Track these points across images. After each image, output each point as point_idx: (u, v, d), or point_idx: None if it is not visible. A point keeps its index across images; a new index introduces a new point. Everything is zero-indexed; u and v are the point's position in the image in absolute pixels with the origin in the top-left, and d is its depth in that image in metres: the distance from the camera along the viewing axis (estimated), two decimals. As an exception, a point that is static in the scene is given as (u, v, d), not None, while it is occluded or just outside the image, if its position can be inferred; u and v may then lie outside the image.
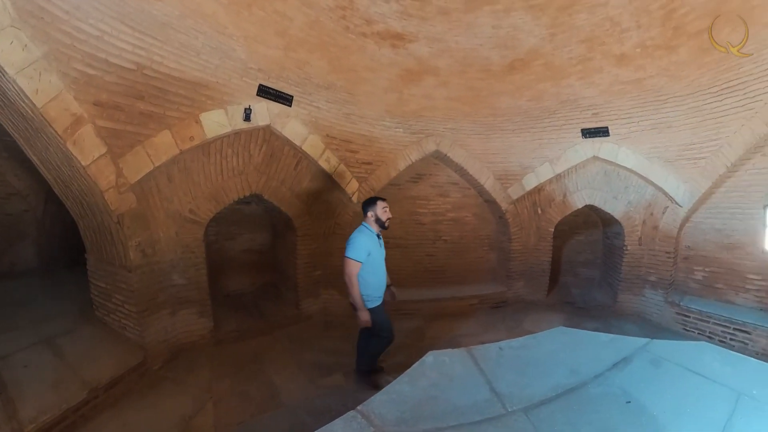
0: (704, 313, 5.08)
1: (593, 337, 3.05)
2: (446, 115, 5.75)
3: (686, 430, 1.85)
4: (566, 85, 5.27)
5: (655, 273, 5.73)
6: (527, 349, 2.75)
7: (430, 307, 5.79)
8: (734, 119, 4.52)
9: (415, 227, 6.40)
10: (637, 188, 5.72)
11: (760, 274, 4.93)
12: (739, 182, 4.99)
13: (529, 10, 4.43)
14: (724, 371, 2.44)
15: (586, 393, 2.18)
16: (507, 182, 6.23)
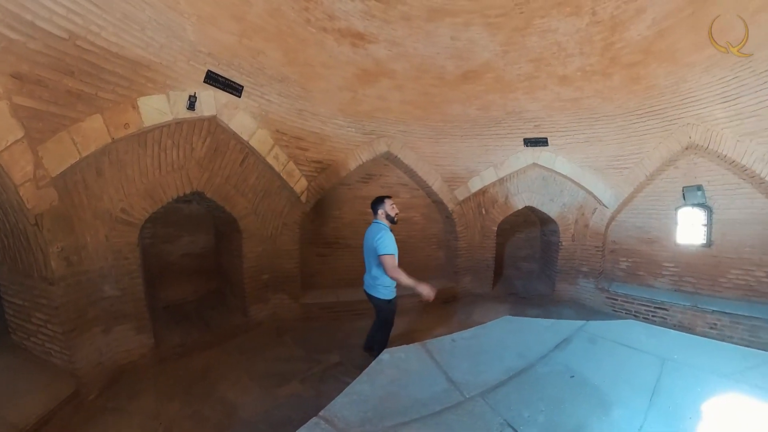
0: (629, 296, 5.98)
1: (536, 323, 3.36)
2: (399, 117, 5.84)
3: (624, 394, 2.13)
4: (513, 98, 5.83)
5: (587, 264, 6.61)
6: (478, 338, 2.94)
7: None
8: (654, 138, 5.49)
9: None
10: (571, 192, 6.55)
11: (673, 262, 5.99)
12: (656, 189, 5.99)
13: (487, 27, 4.79)
14: (649, 342, 2.90)
15: (535, 373, 2.40)
16: (454, 184, 6.56)
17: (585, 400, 2.11)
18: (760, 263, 5.12)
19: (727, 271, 5.46)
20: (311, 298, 5.62)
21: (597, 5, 4.35)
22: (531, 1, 4.45)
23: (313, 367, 3.97)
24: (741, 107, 4.56)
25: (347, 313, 5.53)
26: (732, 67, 4.35)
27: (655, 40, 4.54)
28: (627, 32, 4.57)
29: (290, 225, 5.30)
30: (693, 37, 4.35)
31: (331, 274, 6.19)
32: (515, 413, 1.96)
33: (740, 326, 4.86)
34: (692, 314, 5.29)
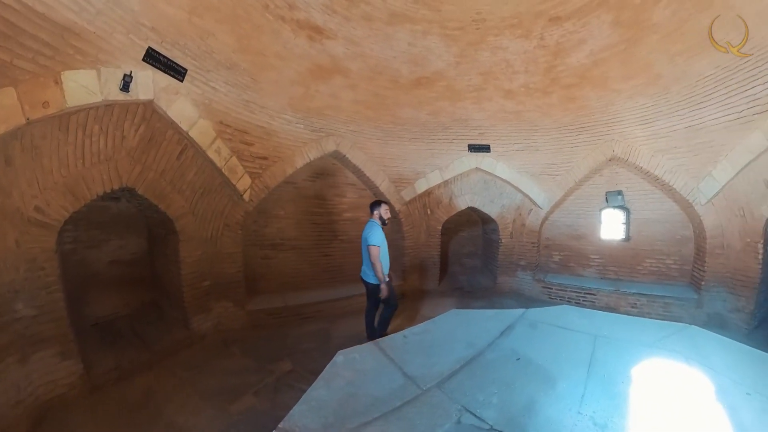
0: (562, 284, 6.71)
1: (482, 314, 3.61)
2: (349, 117, 5.79)
3: (565, 369, 2.44)
4: (461, 107, 6.17)
5: (524, 259, 7.25)
6: (428, 332, 3.05)
7: (331, 308, 5.73)
8: (583, 149, 6.31)
9: (311, 227, 6.24)
10: (510, 194, 7.13)
11: (599, 254, 6.94)
12: (583, 193, 6.85)
13: (444, 37, 4.98)
14: (582, 323, 3.36)
15: (484, 359, 2.58)
16: (401, 185, 6.70)
17: (532, 379, 2.32)
18: (669, 253, 6.24)
19: (643, 260, 6.50)
20: (257, 304, 5.30)
21: (545, 32, 4.83)
22: (487, 20, 4.75)
23: (266, 377, 3.72)
24: (656, 129, 5.45)
25: (295, 317, 5.35)
26: (651, 96, 5.19)
27: (591, 67, 5.21)
28: (568, 58, 5.16)
29: (232, 226, 4.93)
30: (622, 68, 5.05)
31: (276, 277, 5.91)
32: (471, 398, 2.07)
33: (656, 304, 5.82)
34: (616, 297, 6.16)
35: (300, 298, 5.59)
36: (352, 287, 6.18)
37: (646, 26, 4.40)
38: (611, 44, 4.78)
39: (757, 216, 4.76)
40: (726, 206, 5.15)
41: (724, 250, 5.27)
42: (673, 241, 6.14)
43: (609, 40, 4.73)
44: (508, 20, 4.74)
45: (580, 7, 4.39)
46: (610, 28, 4.57)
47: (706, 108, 4.77)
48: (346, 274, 6.58)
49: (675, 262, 6.18)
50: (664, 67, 4.80)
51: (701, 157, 5.14)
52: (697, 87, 4.71)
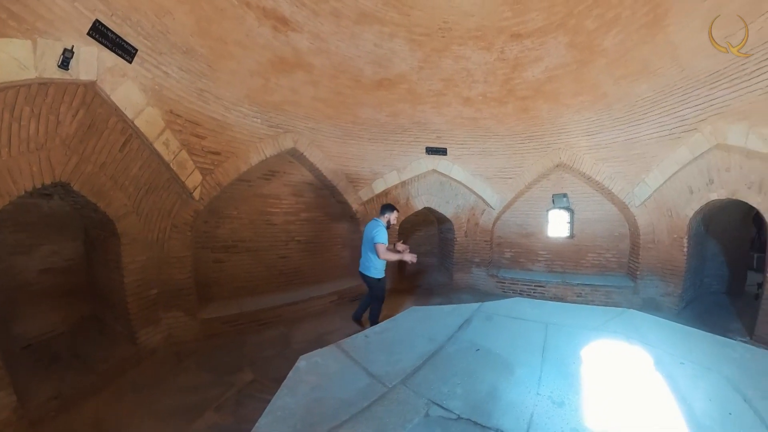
0: (514, 279, 7.23)
1: (440, 310, 3.74)
2: (309, 113, 5.67)
3: (521, 356, 2.64)
4: (421, 110, 6.36)
5: (478, 256, 7.70)
6: (389, 331, 3.09)
7: (290, 312, 5.54)
8: (533, 156, 6.88)
9: (267, 228, 5.97)
10: (464, 196, 7.50)
11: (546, 250, 7.59)
12: (532, 195, 7.44)
13: (410, 42, 5.11)
14: (534, 312, 3.65)
15: (445, 353, 2.68)
16: (358, 185, 6.69)
17: (492, 367, 2.47)
18: (608, 248, 7.05)
19: (585, 254, 7.26)
20: (211, 312, 4.92)
21: (506, 46, 5.27)
22: (453, 30, 4.99)
23: (227, 390, 3.47)
24: (598, 140, 6.17)
25: (253, 324, 5.08)
26: (596, 111, 5.90)
27: (545, 82, 5.76)
28: (525, 72, 5.66)
29: (180, 227, 4.52)
30: (573, 86, 5.69)
31: (230, 282, 5.57)
32: (436, 391, 2.14)
33: (598, 292, 6.55)
34: (563, 288, 6.79)
35: (257, 303, 5.33)
36: (310, 290, 6.15)
37: (597, 51, 5.00)
38: (565, 63, 5.36)
39: (682, 216, 5.60)
40: (656, 208, 5.97)
41: (655, 245, 6.11)
42: (611, 237, 6.98)
43: (563, 59, 5.28)
44: (473, 32, 5.02)
45: (540, 27, 4.85)
46: (565, 49, 5.14)
47: (643, 125, 5.52)
48: (304, 276, 6.46)
49: (614, 256, 7.02)
50: (609, 88, 5.46)
51: (636, 166, 5.90)
52: (636, 106, 5.44)
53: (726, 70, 4.17)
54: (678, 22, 4.16)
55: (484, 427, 1.83)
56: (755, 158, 4.34)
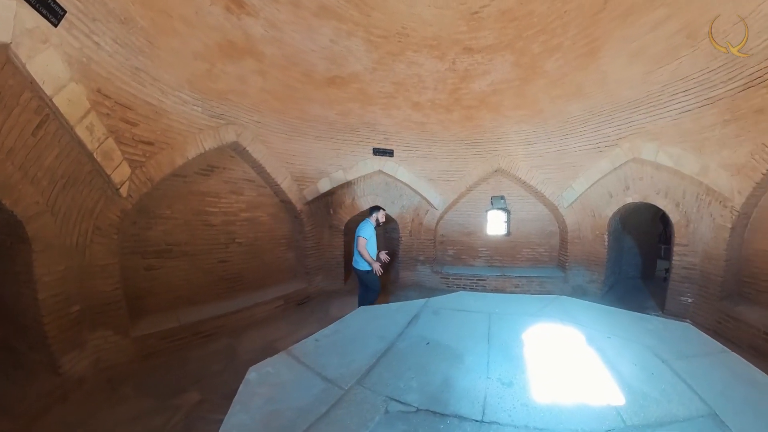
0: (457, 274, 7.68)
1: (388, 308, 3.81)
2: (255, 106, 5.36)
3: (469, 345, 2.82)
4: (371, 111, 6.38)
5: (423, 254, 7.94)
6: (339, 332, 3.07)
7: (234, 320, 5.14)
8: (474, 161, 7.36)
9: (204, 230, 5.37)
10: (409, 197, 7.69)
11: (486, 247, 8.26)
12: (473, 196, 7.98)
13: (367, 42, 5.07)
14: (477, 304, 3.89)
15: (397, 349, 2.74)
16: (303, 184, 6.48)
17: (443, 359, 2.59)
18: (540, 244, 7.95)
19: (521, 250, 8.08)
20: (145, 328, 4.29)
21: (457, 58, 5.53)
22: (410, 36, 5.09)
23: (173, 416, 3.06)
24: (534, 150, 6.92)
25: (195, 337, 4.60)
26: (533, 124, 6.61)
27: (489, 94, 6.23)
28: (472, 84, 6.03)
29: (105, 229, 3.80)
30: (514, 100, 6.25)
31: (165, 291, 4.94)
32: (392, 387, 2.18)
33: (533, 283, 7.28)
34: (502, 280, 7.39)
35: (197, 314, 4.83)
36: (254, 295, 5.77)
37: (538, 72, 5.59)
38: (509, 79, 5.88)
39: (603, 216, 6.66)
40: (581, 209, 6.95)
41: (581, 240, 7.09)
42: (543, 234, 7.90)
43: (508, 76, 5.81)
44: (429, 41, 5.18)
45: (491, 45, 5.28)
46: (511, 67, 5.63)
47: (572, 138, 6.41)
48: (247, 280, 6.02)
49: (546, 250, 7.96)
50: (546, 105, 6.18)
51: (565, 173, 6.79)
52: (568, 123, 6.29)
53: (644, 99, 5.13)
54: (609, 57, 4.90)
55: (443, 415, 1.92)
56: (663, 170, 5.45)
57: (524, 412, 1.96)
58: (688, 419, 1.89)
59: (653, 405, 2.01)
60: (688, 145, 4.91)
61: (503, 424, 1.87)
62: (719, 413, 1.91)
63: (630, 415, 1.93)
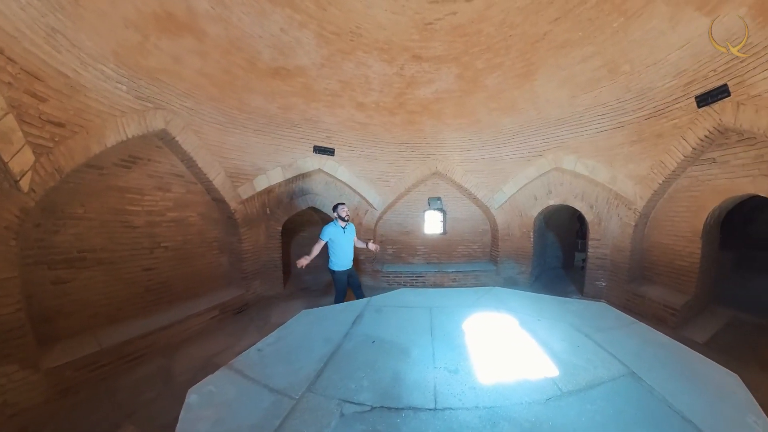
0: (397, 272, 7.92)
1: (331, 309, 3.79)
2: (189, 90, 4.82)
3: (414, 338, 2.94)
4: (314, 107, 6.22)
5: (363, 253, 7.76)
6: (283, 339, 2.95)
7: (165, 337, 4.55)
8: (413, 163, 7.70)
9: (125, 232, 4.63)
10: (348, 196, 7.61)
11: (424, 245, 8.69)
12: (411, 197, 8.32)
13: (319, 37, 4.92)
14: (418, 300, 4.05)
15: (344, 350, 2.74)
16: (238, 181, 5.98)
17: (390, 355, 2.65)
18: (474, 241, 8.65)
19: (456, 247, 8.68)
20: (59, 357, 3.53)
21: (406, 64, 5.69)
22: (363, 36, 5.07)
23: None
24: (468, 156, 7.54)
25: (121, 362, 3.96)
26: (470, 133, 7.17)
27: (432, 102, 6.54)
28: (417, 90, 6.26)
29: (0, 233, 3.02)
30: (455, 109, 6.68)
31: (80, 309, 4.14)
32: (344, 389, 2.17)
33: (469, 277, 7.88)
34: (440, 276, 7.83)
35: (121, 334, 4.14)
36: (185, 307, 5.19)
37: (479, 86, 6.10)
38: (452, 90, 6.26)
39: (529, 216, 7.54)
40: (510, 210, 7.74)
41: (510, 237, 7.89)
42: (476, 233, 8.61)
43: (451, 86, 6.18)
44: (380, 44, 5.23)
45: (439, 56, 5.54)
46: (455, 78, 6.01)
47: (504, 147, 7.18)
48: (177, 290, 5.37)
49: (479, 247, 8.68)
50: (483, 116, 6.75)
51: (497, 178, 7.55)
52: (501, 133, 7.01)
53: (568, 118, 6.08)
54: (542, 79, 5.64)
55: (398, 410, 1.95)
56: (580, 178, 6.50)
57: (473, 395, 2.11)
58: (612, 380, 2.27)
59: (582, 372, 2.37)
60: (601, 159, 5.98)
61: (456, 409, 1.98)
62: (636, 371, 2.35)
63: (564, 383, 2.23)
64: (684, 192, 5.29)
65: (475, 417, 1.91)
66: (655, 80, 4.70)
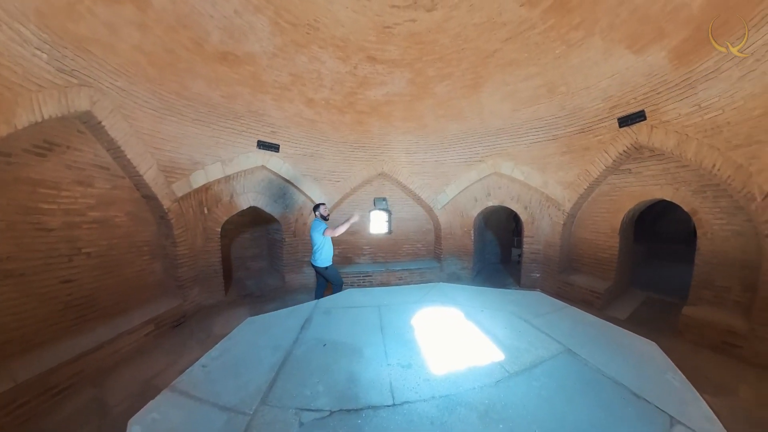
0: (344, 272, 7.69)
1: (278, 315, 3.68)
2: (123, 67, 4.23)
3: (365, 337, 2.99)
4: (261, 99, 5.87)
5: (308, 255, 7.41)
6: (229, 351, 2.79)
7: (94, 362, 3.89)
8: (360, 163, 7.76)
9: (37, 236, 3.87)
10: (292, 195, 7.41)
11: (370, 245, 8.80)
12: (357, 197, 8.32)
13: (274, 24, 4.66)
14: (366, 299, 4.12)
15: (295, 356, 2.67)
16: (173, 176, 5.33)
17: (343, 356, 2.66)
18: (418, 240, 8.94)
19: (402, 246, 8.91)
20: None
21: (360, 64, 5.68)
22: (320, 31, 4.92)
23: None
24: (415, 158, 7.83)
25: (44, 397, 3.30)
26: (417, 136, 7.47)
27: (382, 104, 6.63)
28: (368, 91, 6.30)
29: None
30: (404, 113, 6.88)
31: None
32: (300, 397, 2.12)
33: (414, 274, 8.09)
34: (387, 275, 7.93)
35: (40, 363, 3.43)
36: (116, 323, 4.46)
37: (429, 92, 6.37)
38: (402, 94, 6.43)
39: (470, 216, 8.13)
40: (452, 210, 8.22)
41: (452, 236, 8.36)
42: (421, 232, 8.91)
43: (402, 90, 6.34)
44: (337, 41, 5.14)
45: (393, 60, 5.66)
46: (406, 83, 6.18)
47: (448, 152, 7.62)
48: (103, 305, 4.59)
49: (423, 245, 8.98)
50: (431, 121, 7.07)
51: (440, 180, 7.95)
52: (446, 139, 7.44)
53: (508, 128, 6.76)
54: (488, 92, 6.14)
55: (357, 410, 1.97)
56: (516, 183, 7.24)
57: (428, 386, 2.20)
58: (551, 357, 2.59)
59: (525, 354, 2.65)
60: (535, 166, 6.78)
61: (413, 401, 2.05)
62: (571, 348, 2.72)
63: (510, 365, 2.48)
64: (605, 196, 6.35)
65: (432, 407, 2.00)
66: (586, 102, 5.54)
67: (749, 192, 3.98)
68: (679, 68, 4.23)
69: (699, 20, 3.70)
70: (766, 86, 3.51)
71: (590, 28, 4.45)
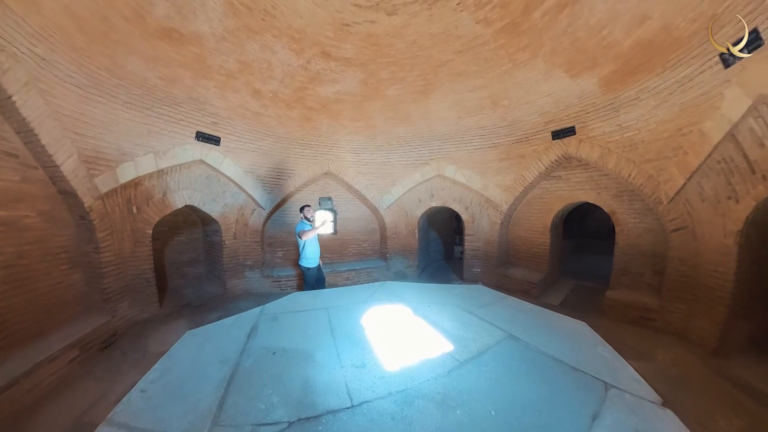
0: (290, 276, 7.66)
1: (220, 326, 3.39)
2: (45, 31, 3.59)
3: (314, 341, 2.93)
4: (203, 85, 5.36)
5: (251, 258, 7.45)
6: (170, 371, 2.51)
7: (9, 402, 3.16)
8: (306, 161, 7.58)
9: None
10: (233, 193, 6.89)
11: None
12: (301, 197, 8.12)
13: (228, 4, 4.34)
14: (314, 302, 4.10)
15: (244, 369, 2.53)
16: (96, 168, 4.55)
17: (295, 363, 2.58)
18: (364, 239, 9.08)
19: (348, 246, 8.95)
20: None
21: (313, 59, 5.57)
22: (277, 19, 4.70)
23: None
24: (362, 158, 7.93)
25: None
26: (365, 137, 7.55)
27: (333, 102, 6.61)
28: (319, 87, 6.21)
29: None
30: (353, 112, 6.92)
31: None
32: (254, 412, 2.01)
33: (362, 274, 8.23)
34: (334, 275, 7.85)
35: None
36: (31, 350, 3.67)
37: (380, 94, 6.49)
38: (353, 93, 6.45)
39: (414, 216, 8.53)
40: (397, 210, 8.52)
41: (398, 235, 8.68)
42: (366, 232, 9.05)
43: (353, 90, 6.36)
44: (293, 32, 4.96)
45: (348, 58, 5.64)
46: (358, 83, 6.21)
47: (395, 153, 7.87)
48: (14, 329, 3.73)
49: (369, 245, 9.14)
50: (379, 123, 7.21)
51: (386, 181, 8.19)
52: (393, 141, 7.65)
53: (453, 134, 7.24)
54: (436, 99, 6.51)
55: (316, 417, 1.93)
56: (458, 185, 7.83)
57: (383, 384, 2.26)
58: (496, 344, 2.82)
59: (472, 343, 2.84)
60: (476, 170, 7.40)
61: (371, 400, 2.09)
62: (513, 333, 3.00)
63: (460, 354, 2.64)
64: (538, 198, 7.13)
65: (391, 403, 2.05)
66: (525, 115, 6.20)
67: (658, 197, 4.86)
68: (606, 94, 4.99)
69: (627, 56, 4.37)
70: (675, 114, 4.31)
71: (535, 51, 4.99)
